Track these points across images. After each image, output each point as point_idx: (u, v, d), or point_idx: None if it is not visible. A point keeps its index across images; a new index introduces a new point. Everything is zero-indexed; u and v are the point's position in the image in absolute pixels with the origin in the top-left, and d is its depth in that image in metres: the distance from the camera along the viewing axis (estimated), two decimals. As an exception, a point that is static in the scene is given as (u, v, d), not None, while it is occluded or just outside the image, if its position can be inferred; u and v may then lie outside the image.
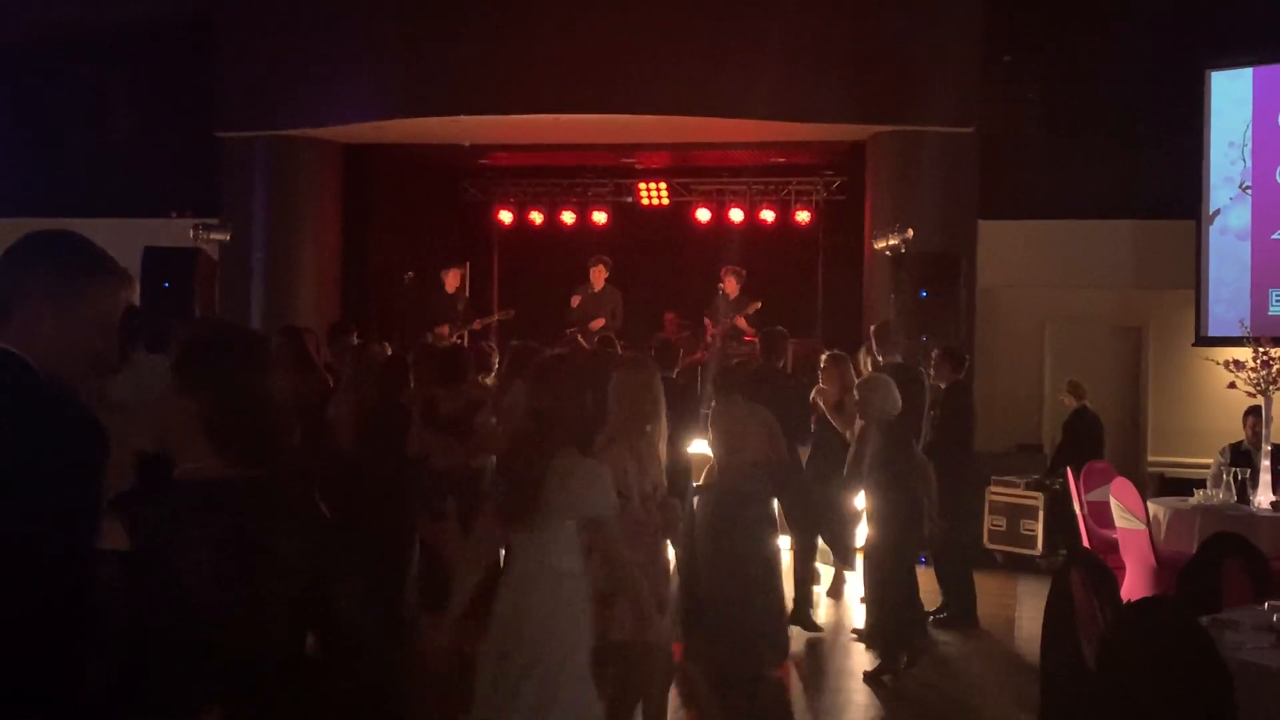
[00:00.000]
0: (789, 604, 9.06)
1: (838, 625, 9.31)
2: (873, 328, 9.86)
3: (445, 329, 13.63)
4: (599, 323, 13.97)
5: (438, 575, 8.25)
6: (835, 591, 10.14)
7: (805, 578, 9.23)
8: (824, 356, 9.87)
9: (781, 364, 9.73)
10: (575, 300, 14.34)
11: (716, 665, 7.54)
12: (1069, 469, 10.45)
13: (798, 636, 8.73)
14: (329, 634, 2.71)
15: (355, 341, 10.13)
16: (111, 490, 2.59)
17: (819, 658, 8.52)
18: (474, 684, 4.45)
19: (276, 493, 2.72)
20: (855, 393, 8.35)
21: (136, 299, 8.01)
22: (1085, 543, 9.86)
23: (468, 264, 15.46)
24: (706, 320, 14.24)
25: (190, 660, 2.56)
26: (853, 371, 9.49)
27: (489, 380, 9.35)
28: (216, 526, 2.60)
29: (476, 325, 14.23)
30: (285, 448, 2.78)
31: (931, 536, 8.25)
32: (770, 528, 7.84)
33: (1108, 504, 9.41)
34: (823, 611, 9.57)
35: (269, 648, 2.62)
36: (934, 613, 9.28)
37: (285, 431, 2.79)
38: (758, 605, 7.49)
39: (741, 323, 13.92)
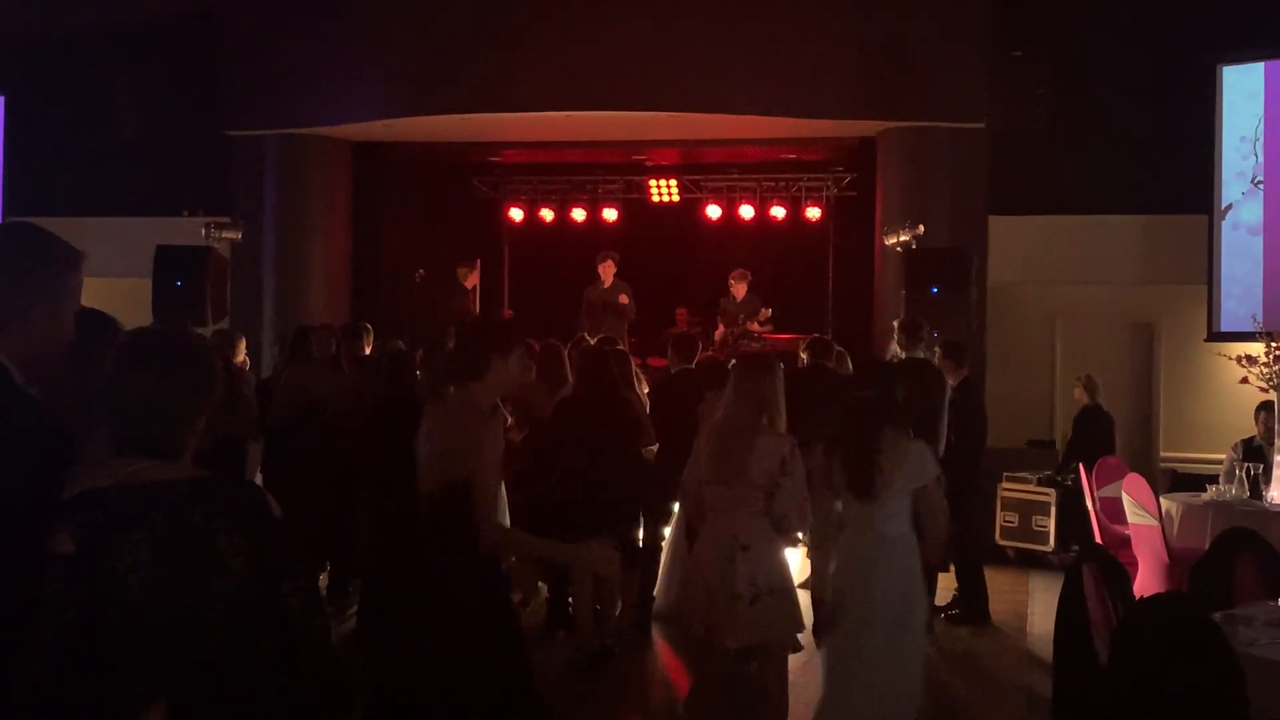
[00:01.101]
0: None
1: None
2: (897, 322, 9.83)
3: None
4: (624, 299, 13.94)
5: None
6: None
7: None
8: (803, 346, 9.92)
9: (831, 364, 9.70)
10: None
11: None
12: (1081, 465, 10.44)
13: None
14: (278, 631, 2.71)
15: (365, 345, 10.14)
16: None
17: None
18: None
19: (218, 492, 2.73)
20: None
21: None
22: (1097, 539, 9.85)
23: (478, 261, 15.47)
24: (719, 321, 14.24)
25: (134, 660, 2.57)
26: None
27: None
28: (157, 528, 2.61)
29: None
30: (191, 446, 2.78)
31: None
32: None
33: (1120, 500, 9.40)
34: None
35: (214, 646, 2.63)
36: (945, 609, 9.27)
37: (193, 432, 2.79)
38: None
39: (754, 327, 13.93)
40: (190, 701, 2.60)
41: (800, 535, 8.16)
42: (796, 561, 9.00)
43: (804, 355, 9.94)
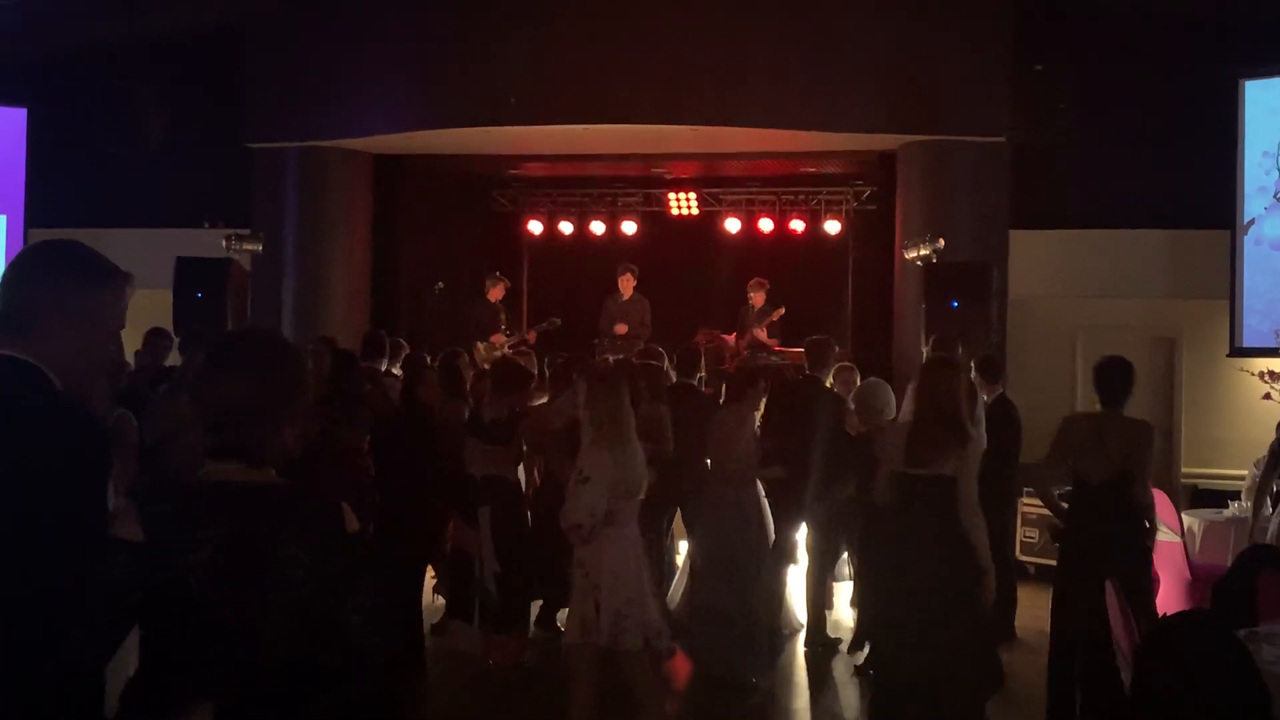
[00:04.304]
0: (801, 619, 9.04)
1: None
2: (933, 338, 9.80)
3: (499, 339, 13.70)
4: (622, 328, 13.98)
5: (465, 582, 8.32)
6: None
7: (820, 592, 9.11)
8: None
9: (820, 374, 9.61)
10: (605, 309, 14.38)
11: (710, 669, 7.56)
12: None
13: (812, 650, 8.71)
14: (336, 646, 2.70)
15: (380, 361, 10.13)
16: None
17: (830, 669, 8.44)
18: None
19: (292, 501, 2.72)
20: (851, 401, 8.40)
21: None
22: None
23: (497, 273, 15.48)
24: (734, 331, 14.21)
25: (185, 656, 2.58)
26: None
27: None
28: (224, 530, 2.61)
29: (531, 338, 14.21)
30: (285, 453, 2.79)
31: None
32: (764, 536, 7.87)
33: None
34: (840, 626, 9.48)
35: (267, 652, 2.62)
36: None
37: (289, 436, 2.80)
38: (749, 613, 7.51)
39: (762, 335, 13.88)
40: (238, 706, 2.59)
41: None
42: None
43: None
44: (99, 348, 2.87)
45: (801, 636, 8.81)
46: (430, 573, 8.95)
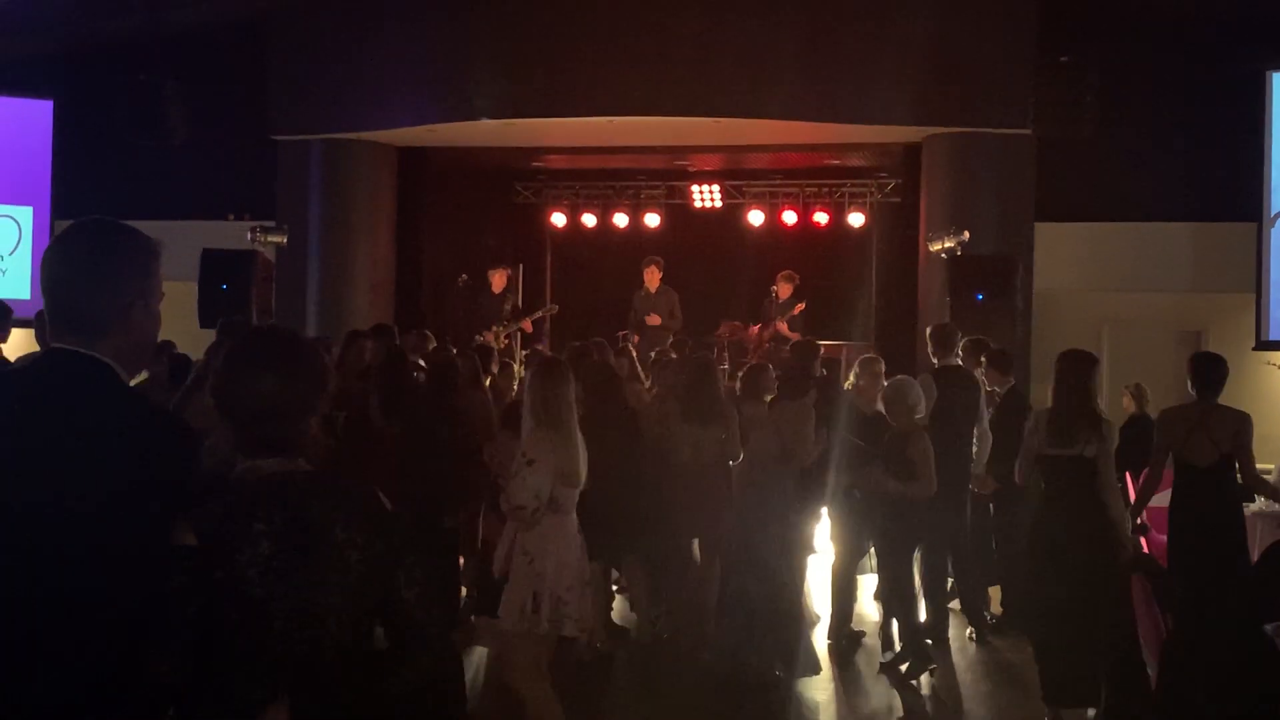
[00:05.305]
0: (817, 612, 9.03)
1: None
2: (929, 329, 9.74)
3: (494, 331, 13.60)
4: (655, 319, 13.97)
5: (489, 577, 8.32)
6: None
7: (847, 585, 9.08)
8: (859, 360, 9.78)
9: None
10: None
11: (738, 667, 7.55)
12: (1127, 474, 10.33)
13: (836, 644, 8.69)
14: (394, 626, 2.73)
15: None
16: None
17: (859, 667, 8.42)
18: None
19: (335, 487, 2.75)
20: (880, 400, 8.35)
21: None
22: (1145, 549, 9.74)
23: (520, 265, 15.51)
24: (757, 325, 14.20)
25: (256, 654, 2.58)
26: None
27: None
28: (277, 522, 2.63)
29: (527, 327, 14.23)
30: (314, 441, 2.81)
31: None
32: (795, 533, 7.84)
33: (1166, 510, 9.28)
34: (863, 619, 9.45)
35: (333, 640, 2.64)
36: (992, 618, 9.21)
37: (313, 426, 2.81)
38: (780, 610, 7.49)
39: (784, 328, 13.84)
40: (307, 695, 2.60)
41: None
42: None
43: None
44: (158, 325, 2.80)
45: (823, 630, 8.79)
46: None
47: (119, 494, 2.51)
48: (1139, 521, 7.94)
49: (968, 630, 8.92)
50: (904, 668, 7.87)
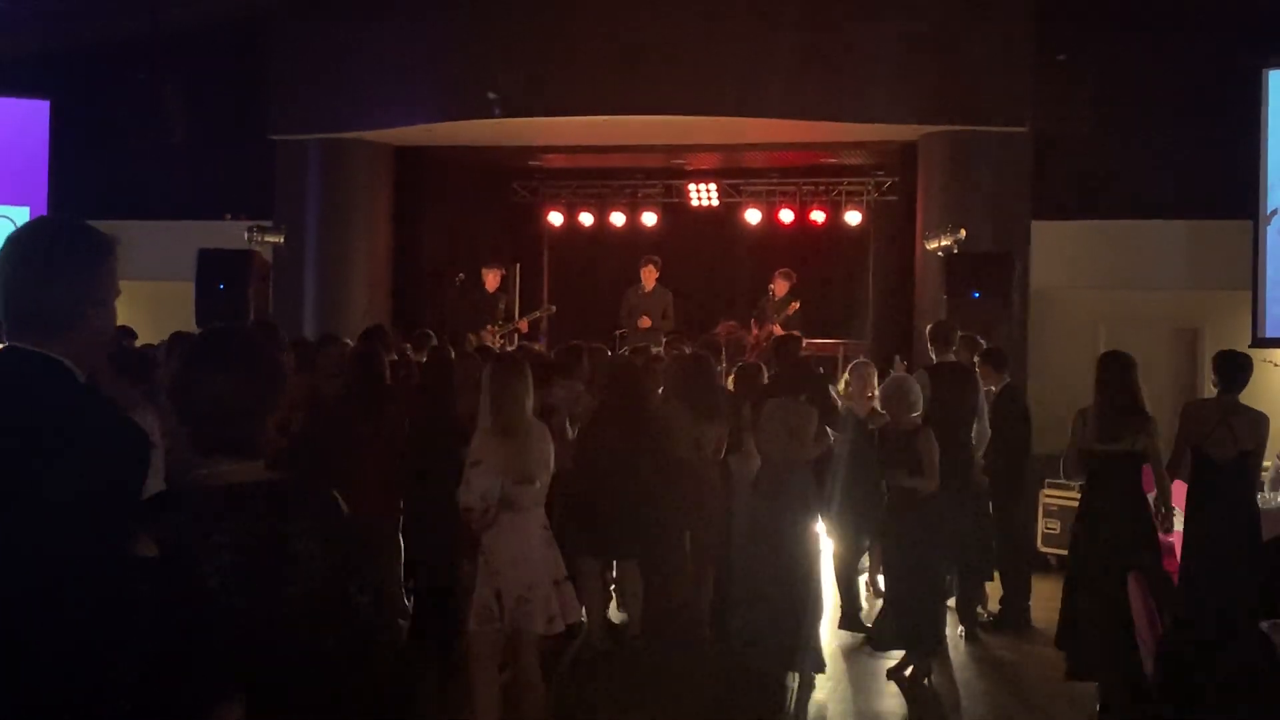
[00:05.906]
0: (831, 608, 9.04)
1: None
2: (928, 327, 9.76)
3: (488, 331, 13.54)
4: (646, 321, 13.98)
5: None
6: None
7: (850, 579, 9.15)
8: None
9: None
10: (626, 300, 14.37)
11: (745, 663, 7.55)
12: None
13: (842, 638, 8.71)
14: (346, 630, 2.73)
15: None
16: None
17: (863, 662, 8.43)
18: None
19: (294, 495, 2.74)
20: (879, 398, 8.37)
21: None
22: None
23: (517, 264, 15.52)
24: (752, 322, 14.19)
25: (214, 661, 2.58)
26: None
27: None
28: (239, 530, 2.62)
29: (523, 327, 14.23)
30: (267, 444, 2.80)
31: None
32: (809, 529, 7.82)
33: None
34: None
35: (291, 646, 2.64)
36: (989, 615, 9.23)
37: (268, 430, 2.81)
38: (790, 607, 7.48)
39: (777, 329, 13.82)
40: (263, 700, 2.60)
41: None
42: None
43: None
44: (113, 324, 2.80)
45: (827, 626, 8.80)
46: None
47: (76, 493, 2.50)
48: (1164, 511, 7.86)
49: (958, 629, 8.95)
50: (908, 671, 7.87)
